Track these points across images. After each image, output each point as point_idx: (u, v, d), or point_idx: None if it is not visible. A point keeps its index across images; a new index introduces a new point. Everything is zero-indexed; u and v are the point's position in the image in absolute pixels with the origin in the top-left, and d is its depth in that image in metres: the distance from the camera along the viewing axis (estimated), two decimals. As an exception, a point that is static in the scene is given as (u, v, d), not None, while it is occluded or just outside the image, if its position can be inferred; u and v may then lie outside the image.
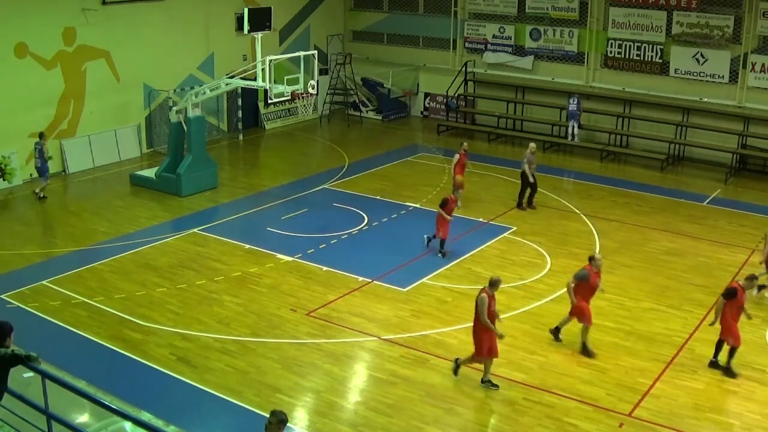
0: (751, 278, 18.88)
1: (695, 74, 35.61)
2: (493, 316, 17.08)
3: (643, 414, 16.43)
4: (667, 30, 35.82)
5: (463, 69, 40.97)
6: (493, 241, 25.54)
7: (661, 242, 26.02)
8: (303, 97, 28.07)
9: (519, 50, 39.75)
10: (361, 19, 44.32)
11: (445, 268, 23.32)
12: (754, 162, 35.29)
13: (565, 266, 23.41)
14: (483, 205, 28.74)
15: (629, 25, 36.55)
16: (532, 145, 28.83)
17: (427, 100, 43.11)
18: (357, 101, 42.77)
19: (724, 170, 34.23)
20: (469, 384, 17.35)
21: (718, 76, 35.29)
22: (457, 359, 17.75)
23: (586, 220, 27.64)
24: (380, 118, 42.23)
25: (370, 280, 22.33)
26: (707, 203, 30.23)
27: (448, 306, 21.00)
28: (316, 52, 30.85)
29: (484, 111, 40.79)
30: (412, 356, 18.49)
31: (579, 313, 18.69)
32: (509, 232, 26.34)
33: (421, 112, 43.44)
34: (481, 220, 27.28)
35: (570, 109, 36.98)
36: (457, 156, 28.62)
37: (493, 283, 17.11)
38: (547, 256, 24.47)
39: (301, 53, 28.09)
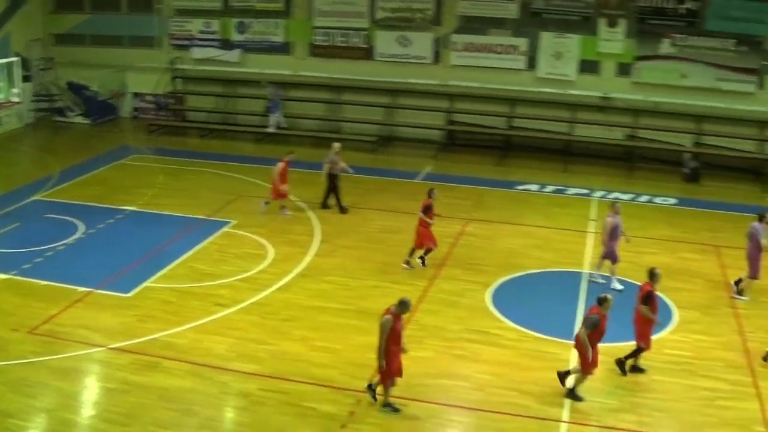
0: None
1: (400, 57, 36.72)
2: (399, 338, 16.12)
3: (378, 389, 16.74)
4: (371, 15, 36.70)
5: (171, 66, 40.32)
6: (213, 236, 25.30)
7: (378, 221, 26.74)
8: (5, 107, 26.61)
9: (226, 44, 39.57)
10: (63, 22, 42.50)
11: (167, 269, 22.85)
12: (461, 136, 36.95)
13: (287, 254, 23.64)
14: (201, 200, 28.42)
15: (334, 13, 37.16)
16: (336, 144, 28.45)
17: (137, 101, 42.09)
18: (63, 107, 41.13)
19: (434, 147, 35.57)
20: (203, 382, 17.10)
21: (422, 57, 36.57)
22: (370, 384, 16.66)
23: (306, 207, 27.92)
24: (88, 122, 40.78)
25: (91, 290, 21.53)
26: (420, 180, 31.30)
27: (174, 306, 20.61)
28: (18, 59, 29.29)
29: (195, 107, 40.29)
30: (142, 362, 17.99)
31: (585, 363, 16.77)
32: (229, 226, 26.17)
33: (131, 113, 42.37)
34: (199, 216, 26.96)
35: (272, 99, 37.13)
36: (280, 164, 27.40)
37: (402, 304, 16.00)
38: (268, 246, 24.52)
39: (1, 61, 26.58)
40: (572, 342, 17.31)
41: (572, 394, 16.85)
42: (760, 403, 17.06)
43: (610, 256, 22.53)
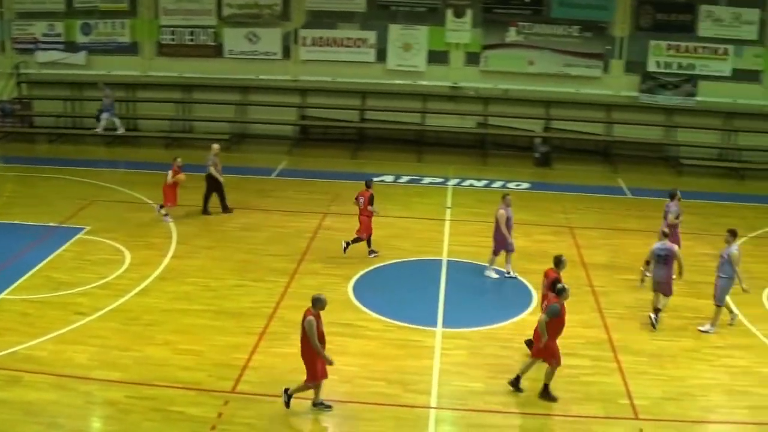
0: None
1: (249, 53, 36.49)
2: (322, 337, 15.72)
3: (245, 388, 16.65)
4: (218, 13, 36.34)
5: (15, 71, 39.04)
6: (67, 243, 24.58)
7: (236, 220, 26.52)
8: None
9: (71, 46, 38.44)
10: None
11: (22, 279, 22.09)
12: (314, 131, 37.03)
13: (145, 258, 23.21)
14: (53, 207, 27.55)
15: (180, 11, 36.65)
16: (215, 146, 27.74)
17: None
18: None
19: (288, 142, 35.53)
20: (68, 394, 16.63)
21: (272, 53, 36.43)
22: (286, 390, 16.05)
23: (158, 208, 27.43)
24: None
25: (-60, 307, 20.71)
26: (275, 176, 31.21)
27: (32, 318, 19.94)
28: None
29: (42, 112, 39.10)
30: (3, 377, 17.33)
31: (549, 354, 16.75)
32: (83, 232, 25.49)
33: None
34: (51, 224, 26.20)
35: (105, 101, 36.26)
36: (170, 172, 26.49)
37: (317, 301, 15.55)
38: (125, 250, 24.02)
39: None
40: (443, 329, 17.59)
41: (545, 393, 16.80)
42: (622, 377, 17.66)
43: (504, 247, 22.64)
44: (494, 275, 22.71)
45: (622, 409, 16.52)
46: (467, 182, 30.84)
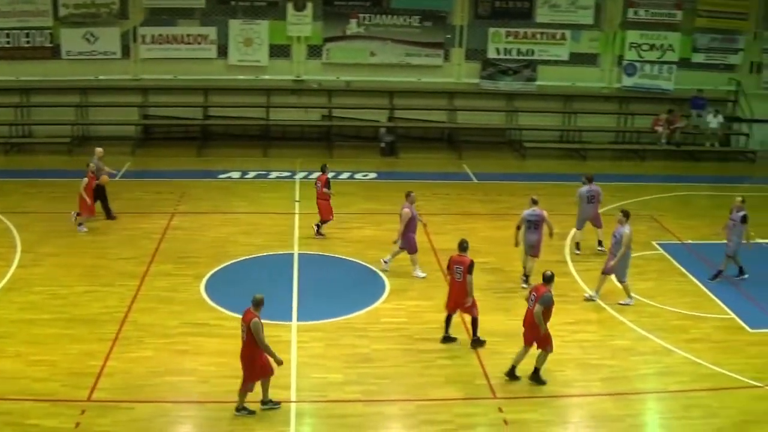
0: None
1: (88, 54, 35.61)
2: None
3: (102, 395, 16.32)
4: (54, 13, 35.30)
5: None
6: None
7: (85, 224, 25.88)
8: None
9: None
10: None
11: None
12: (158, 130, 36.49)
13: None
14: None
15: (14, 13, 35.39)
16: (99, 150, 26.79)
17: None
18: None
19: (131, 143, 34.87)
20: None
21: (111, 52, 35.64)
22: (237, 407, 15.93)
23: (2, 217, 26.54)
24: None
25: None
26: (120, 177, 30.55)
27: None
28: None
29: None
30: None
31: (544, 340, 17.05)
32: None
33: None
34: None
35: None
36: (85, 180, 25.43)
37: (259, 302, 15.61)
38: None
39: None
40: (298, 323, 17.60)
41: (536, 376, 17.28)
42: (477, 358, 18.07)
43: (407, 246, 22.61)
44: (422, 274, 22.67)
45: (480, 390, 16.94)
46: (315, 175, 30.80)
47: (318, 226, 25.04)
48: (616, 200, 27.91)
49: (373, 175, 31.74)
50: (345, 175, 31.31)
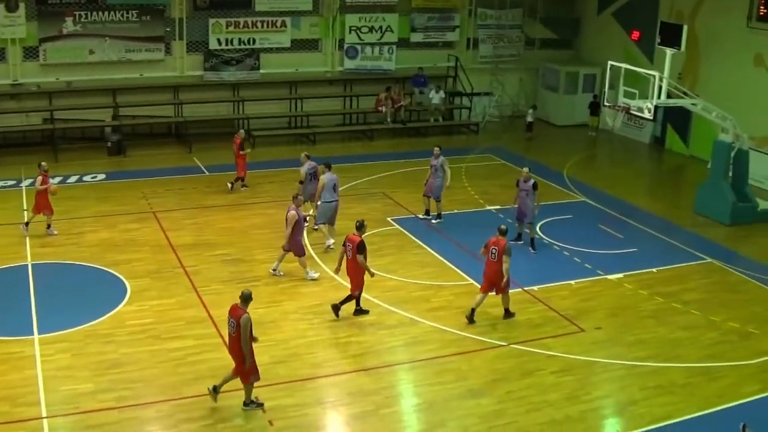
0: None
1: None
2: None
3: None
4: None
5: None
6: None
7: None
8: None
9: None
10: None
11: None
12: None
13: None
14: None
15: None
16: None
17: None
18: None
19: None
20: None
21: None
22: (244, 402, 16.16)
23: None
24: None
25: None
26: None
27: None
28: None
29: None
30: None
31: (506, 286, 19.83)
32: None
33: None
34: None
35: None
36: (39, 178, 24.56)
37: (249, 298, 15.87)
38: None
39: None
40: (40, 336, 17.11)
41: (508, 313, 20.29)
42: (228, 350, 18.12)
43: (294, 249, 22.09)
44: (315, 275, 22.21)
45: (234, 382, 16.87)
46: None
47: (232, 183, 28.72)
48: (349, 180, 28.58)
49: (102, 176, 30.88)
50: (73, 179, 30.27)
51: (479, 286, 20.36)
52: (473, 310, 19.95)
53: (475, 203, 28.71)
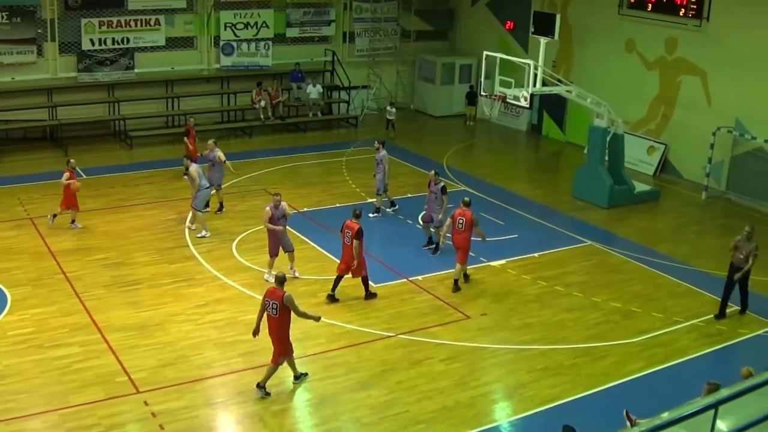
0: None
1: None
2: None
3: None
4: None
5: None
6: None
7: None
8: None
9: None
10: None
11: None
12: None
13: None
14: None
15: None
16: None
17: None
18: None
19: None
20: None
21: None
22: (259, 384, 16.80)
23: None
24: None
25: None
26: None
27: None
28: None
29: None
30: None
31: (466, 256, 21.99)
32: None
33: None
34: None
35: None
36: (66, 174, 25.10)
37: (284, 278, 16.69)
38: None
39: None
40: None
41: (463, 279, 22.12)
42: (115, 356, 17.92)
43: (285, 246, 22.13)
44: (272, 280, 21.42)
45: (122, 387, 16.87)
46: None
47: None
48: (229, 177, 28.36)
49: (-25, 183, 30.05)
50: (-55, 189, 29.39)
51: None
52: (456, 281, 21.84)
53: (356, 196, 28.88)
